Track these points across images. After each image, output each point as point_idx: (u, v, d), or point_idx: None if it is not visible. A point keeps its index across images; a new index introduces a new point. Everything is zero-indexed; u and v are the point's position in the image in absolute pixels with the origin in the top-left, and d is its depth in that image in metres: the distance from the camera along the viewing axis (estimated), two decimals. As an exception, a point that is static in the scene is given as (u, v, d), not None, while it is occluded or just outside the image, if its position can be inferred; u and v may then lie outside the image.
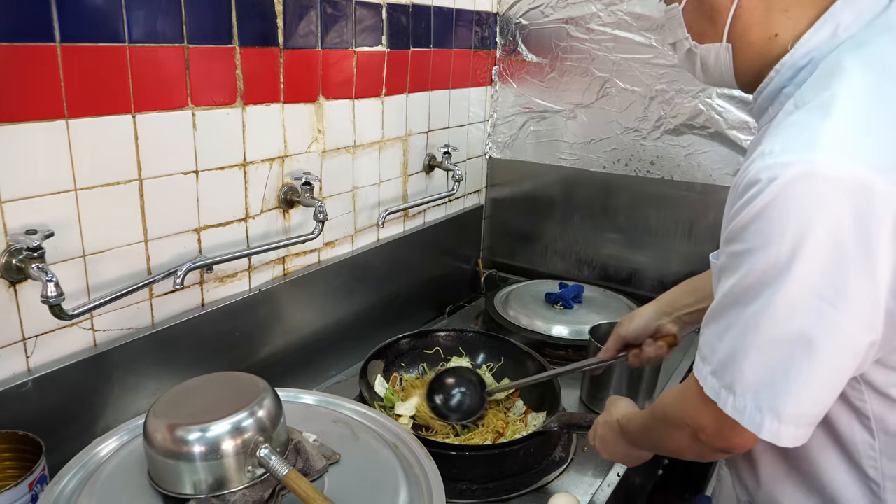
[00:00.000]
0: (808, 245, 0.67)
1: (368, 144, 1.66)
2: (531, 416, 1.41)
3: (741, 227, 0.72)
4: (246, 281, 1.42)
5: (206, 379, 0.94)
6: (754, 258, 0.71)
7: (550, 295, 1.92)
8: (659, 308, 1.25)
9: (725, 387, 0.76)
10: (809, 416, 0.74)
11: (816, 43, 0.79)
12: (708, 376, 0.78)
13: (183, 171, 1.23)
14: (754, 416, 0.74)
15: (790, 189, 0.68)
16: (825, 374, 0.72)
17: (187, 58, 1.18)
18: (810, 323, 0.70)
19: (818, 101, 0.74)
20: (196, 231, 1.28)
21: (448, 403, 1.43)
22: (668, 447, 0.92)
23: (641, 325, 1.25)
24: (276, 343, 1.51)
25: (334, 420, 1.05)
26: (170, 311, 1.28)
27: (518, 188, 2.23)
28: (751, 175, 0.72)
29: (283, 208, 1.46)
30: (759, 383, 0.73)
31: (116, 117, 1.10)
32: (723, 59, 0.87)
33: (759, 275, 0.71)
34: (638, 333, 1.25)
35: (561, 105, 2.06)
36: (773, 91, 0.84)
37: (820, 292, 0.69)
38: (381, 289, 1.82)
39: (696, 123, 1.86)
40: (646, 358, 1.25)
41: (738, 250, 0.73)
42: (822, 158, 0.68)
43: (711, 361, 0.78)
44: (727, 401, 0.76)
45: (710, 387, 0.78)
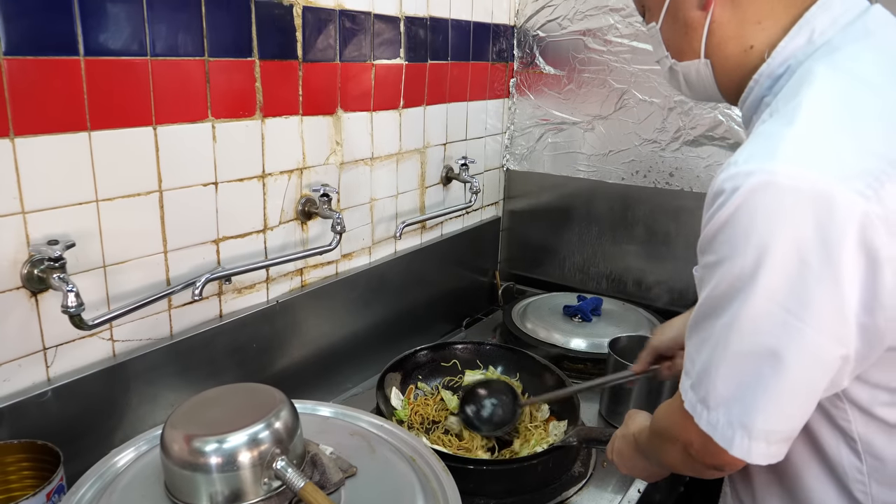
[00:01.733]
0: (771, 256, 0.66)
1: (386, 156, 1.67)
2: (552, 424, 1.40)
3: (710, 237, 0.71)
4: (264, 292, 1.43)
5: (223, 390, 0.94)
6: (722, 269, 0.70)
7: (569, 307, 1.90)
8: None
9: (700, 401, 0.74)
10: (781, 432, 0.72)
11: (792, 50, 0.79)
12: (688, 390, 0.77)
13: (202, 182, 1.24)
14: (726, 431, 0.72)
15: (751, 199, 0.67)
16: (795, 389, 0.70)
17: (208, 71, 1.19)
18: (776, 335, 0.68)
19: (786, 109, 0.73)
20: (215, 242, 1.29)
21: (480, 414, 1.41)
22: (665, 462, 0.89)
23: (673, 335, 1.23)
24: (292, 355, 1.51)
25: (351, 433, 1.04)
26: (188, 321, 1.29)
27: (535, 200, 2.23)
28: (717, 185, 0.71)
29: (301, 220, 1.46)
30: (730, 397, 0.72)
31: (138, 129, 1.11)
32: (704, 75, 0.87)
33: (727, 287, 0.70)
34: (670, 344, 1.23)
35: (578, 117, 2.06)
36: (754, 101, 0.84)
37: (785, 304, 0.67)
38: (399, 301, 1.82)
39: (715, 134, 1.85)
40: (677, 370, 1.22)
41: (709, 261, 0.73)
42: (781, 167, 0.66)
43: (691, 374, 0.76)
44: (702, 415, 0.74)
45: (689, 400, 0.76)
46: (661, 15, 0.88)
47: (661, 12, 0.88)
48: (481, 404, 1.42)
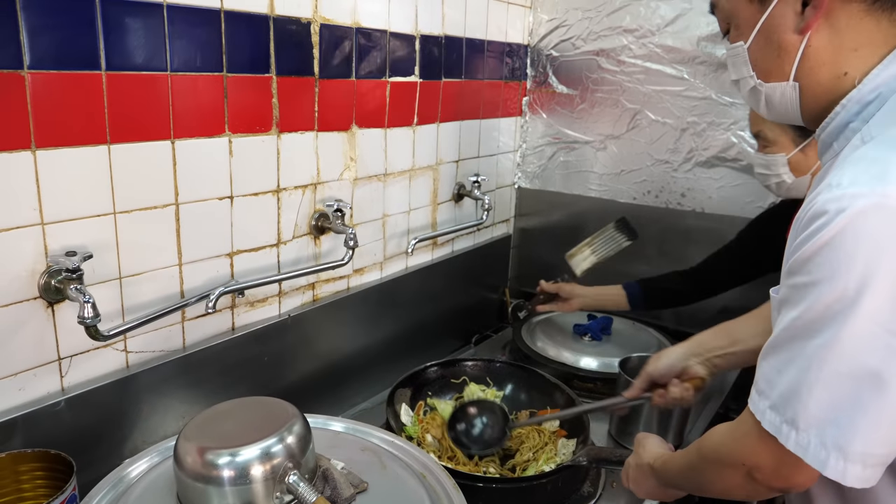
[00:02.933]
0: (878, 279, 0.66)
1: (399, 173, 1.68)
2: (561, 442, 1.39)
3: (806, 258, 0.71)
4: (276, 306, 1.43)
5: (236, 403, 0.95)
6: (819, 290, 0.69)
7: (579, 326, 1.90)
8: (688, 348, 1.23)
9: (787, 422, 0.73)
10: (878, 455, 0.71)
11: (885, 78, 0.78)
12: (766, 410, 0.75)
13: (218, 196, 1.25)
14: (819, 452, 0.71)
15: (859, 221, 0.67)
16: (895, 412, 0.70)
17: (226, 86, 1.21)
18: (879, 358, 0.68)
19: (888, 135, 0.73)
20: (229, 256, 1.30)
21: (470, 433, 1.41)
22: (716, 488, 0.88)
23: (669, 363, 1.23)
24: (303, 369, 1.51)
25: (362, 448, 1.04)
26: (201, 334, 1.30)
27: (546, 218, 2.23)
28: (817, 206, 0.70)
29: (315, 235, 1.47)
30: (825, 419, 0.71)
31: (156, 143, 1.13)
32: (789, 97, 0.86)
33: (824, 308, 0.69)
34: (664, 372, 1.24)
35: (591, 136, 2.07)
36: (838, 126, 0.82)
37: (890, 328, 0.67)
38: (409, 316, 1.82)
39: (727, 156, 1.85)
40: (671, 399, 1.23)
41: (801, 282, 0.72)
42: (893, 191, 0.66)
43: (770, 396, 0.75)
44: (789, 436, 0.73)
45: (770, 421, 0.75)
46: (751, 35, 0.86)
47: (752, 32, 0.86)
48: (471, 423, 1.42)
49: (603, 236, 1.79)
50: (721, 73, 1.82)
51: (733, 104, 1.82)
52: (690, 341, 1.24)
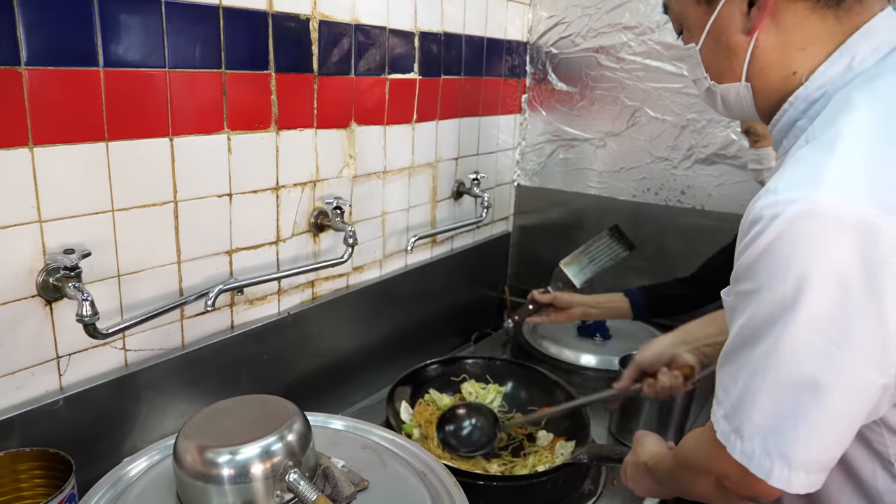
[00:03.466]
0: (812, 285, 0.65)
1: (398, 170, 1.67)
2: (559, 444, 1.39)
3: (747, 265, 0.70)
4: (275, 304, 1.43)
5: (236, 401, 0.94)
6: (761, 297, 0.69)
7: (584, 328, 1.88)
8: (677, 337, 1.24)
9: (735, 430, 0.73)
10: (820, 461, 0.71)
11: (831, 76, 0.78)
12: (721, 420, 0.75)
13: (217, 193, 1.25)
14: (763, 461, 0.71)
15: (793, 227, 0.66)
16: (835, 419, 0.69)
17: (224, 83, 1.20)
18: (817, 365, 0.67)
19: (825, 136, 0.72)
20: (228, 253, 1.29)
21: (459, 435, 1.40)
22: (694, 493, 0.88)
23: (656, 352, 1.24)
24: (303, 367, 1.51)
25: (363, 446, 1.04)
26: (200, 332, 1.29)
27: (546, 216, 2.23)
28: (755, 212, 0.70)
29: (314, 232, 1.47)
30: (767, 428, 0.71)
31: (154, 140, 1.12)
32: (743, 97, 0.86)
33: (766, 315, 0.69)
34: (653, 361, 1.24)
35: (590, 133, 2.06)
36: (786, 124, 0.83)
37: (826, 333, 0.66)
38: (408, 314, 1.81)
39: (727, 153, 1.85)
40: (660, 388, 1.22)
41: (745, 289, 0.71)
42: (824, 197, 0.66)
43: (725, 404, 0.75)
44: (735, 445, 0.73)
45: (722, 430, 0.75)
46: (701, 37, 0.86)
47: (701, 34, 0.86)
48: (460, 425, 1.42)
49: (599, 244, 1.78)
50: (721, 69, 1.81)
51: (733, 101, 1.81)
52: (679, 330, 1.25)
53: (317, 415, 1.11)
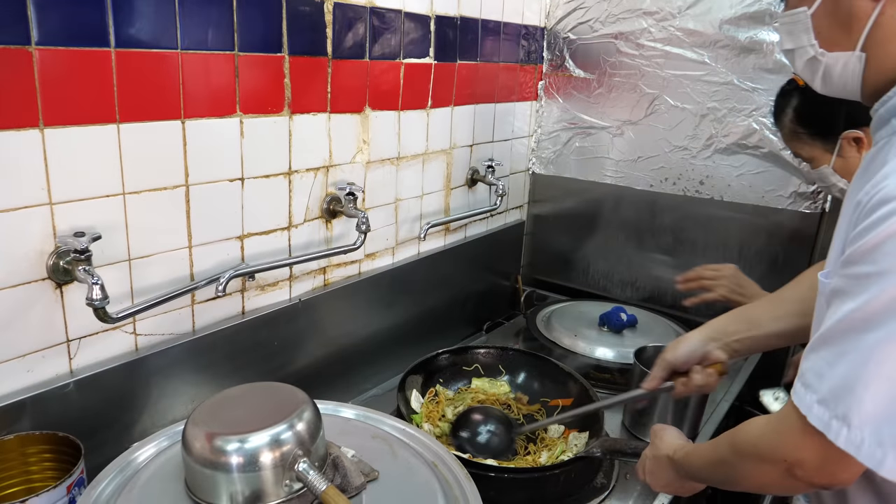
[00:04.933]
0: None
1: (412, 157, 1.65)
2: (572, 435, 1.37)
3: (871, 247, 0.67)
4: (286, 290, 1.42)
5: (245, 388, 0.93)
6: (885, 282, 0.66)
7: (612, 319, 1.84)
8: (706, 334, 1.20)
9: (838, 417, 0.69)
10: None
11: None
12: (814, 405, 0.72)
13: (229, 178, 1.23)
14: (874, 451, 0.68)
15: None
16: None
17: (237, 66, 1.19)
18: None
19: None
20: (239, 238, 1.28)
21: (474, 441, 1.36)
22: (748, 483, 0.85)
23: (688, 350, 1.20)
24: (313, 353, 1.50)
25: (373, 435, 1.02)
26: (210, 317, 1.28)
27: (561, 205, 2.20)
28: (884, 193, 0.67)
29: (326, 218, 1.45)
30: (882, 416, 0.67)
31: (166, 123, 1.11)
32: (851, 70, 0.81)
33: (890, 300, 0.66)
34: (685, 359, 1.20)
35: (607, 121, 2.03)
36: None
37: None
38: (420, 302, 1.80)
39: (748, 143, 1.81)
40: (694, 386, 1.20)
41: (864, 272, 0.68)
42: None
43: (819, 390, 0.71)
44: (840, 433, 0.69)
45: (818, 417, 0.71)
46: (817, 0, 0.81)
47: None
48: (476, 431, 1.38)
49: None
50: (744, 57, 1.77)
51: (755, 90, 1.77)
52: (707, 326, 1.21)
53: (327, 403, 1.10)
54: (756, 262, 1.86)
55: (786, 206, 1.79)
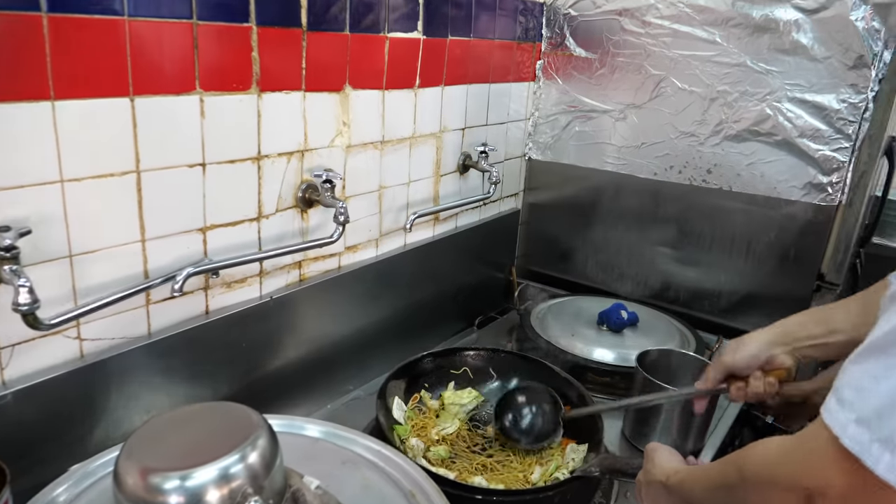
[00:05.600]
0: None
1: (398, 140, 1.52)
2: (570, 447, 1.25)
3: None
4: (257, 287, 1.29)
5: (189, 411, 0.80)
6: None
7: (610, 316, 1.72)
8: (774, 336, 1.06)
9: (881, 441, 0.58)
10: None
11: None
12: (850, 425, 0.60)
13: (188, 163, 1.10)
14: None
15: None
16: None
17: (196, 36, 1.05)
18: None
19: None
20: (201, 231, 1.15)
21: (519, 425, 1.28)
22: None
23: (752, 353, 1.06)
24: (288, 355, 1.37)
25: (342, 460, 0.90)
26: (169, 318, 1.15)
27: (559, 193, 2.07)
28: None
29: (301, 208, 1.32)
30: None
31: (111, 100, 0.97)
32: None
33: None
34: (747, 363, 1.07)
35: (610, 105, 1.89)
36: None
37: None
38: (407, 297, 1.68)
39: (761, 130, 1.68)
40: (751, 393, 1.07)
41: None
42: None
43: (859, 407, 0.60)
44: (880, 458, 0.58)
45: (854, 438, 0.60)
46: None
47: None
48: (520, 413, 1.29)
49: None
50: (758, 36, 1.63)
51: (769, 72, 1.64)
52: (776, 328, 1.07)
53: (292, 419, 0.98)
54: (766, 258, 1.74)
55: (799, 197, 1.67)
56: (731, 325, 1.82)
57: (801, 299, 1.72)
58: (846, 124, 1.56)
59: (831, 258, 1.69)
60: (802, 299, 1.72)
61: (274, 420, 0.95)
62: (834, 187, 1.62)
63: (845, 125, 1.57)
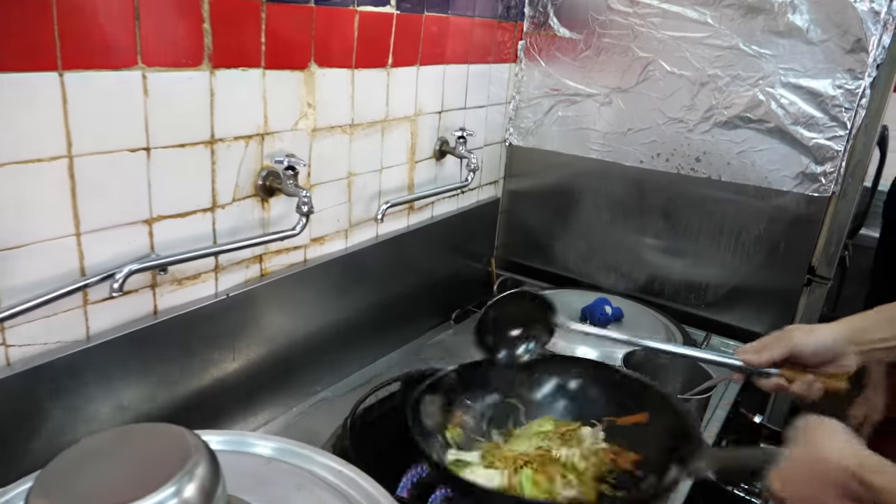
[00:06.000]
0: None
1: (369, 124, 1.41)
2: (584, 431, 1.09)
3: None
4: (212, 283, 1.18)
5: (113, 436, 0.69)
6: None
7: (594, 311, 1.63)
8: (846, 333, 0.95)
9: None
10: None
11: None
12: None
13: (129, 147, 0.98)
14: None
15: None
16: None
17: (137, 5, 0.93)
18: None
19: None
20: (147, 223, 1.04)
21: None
22: None
23: (826, 343, 0.94)
24: (248, 355, 1.27)
25: (298, 485, 0.80)
26: (112, 320, 1.04)
27: (540, 181, 1.97)
28: None
29: (261, 197, 1.21)
30: None
31: (36, 75, 0.85)
32: None
33: None
34: (812, 352, 0.94)
35: (595, 88, 1.79)
36: None
37: None
38: (379, 292, 1.57)
39: (752, 116, 1.60)
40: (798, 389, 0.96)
41: None
42: None
43: None
44: None
45: None
46: None
47: None
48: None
49: None
50: (751, 17, 1.54)
51: (763, 56, 1.55)
52: (845, 325, 0.96)
53: (242, 435, 0.87)
54: (755, 250, 1.67)
55: (791, 187, 1.59)
56: (717, 320, 1.75)
57: (790, 293, 1.65)
58: (842, 111, 1.48)
59: (822, 251, 1.62)
60: (792, 293, 1.65)
61: (219, 437, 0.85)
62: (827, 177, 1.54)
63: (841, 112, 1.49)
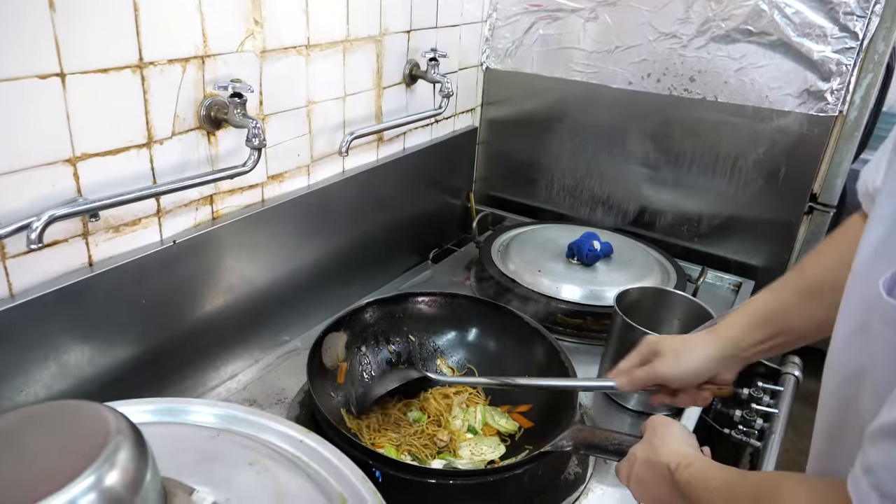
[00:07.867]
0: None
1: (328, 44, 1.25)
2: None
3: None
4: (155, 229, 1.05)
5: (22, 417, 0.58)
6: None
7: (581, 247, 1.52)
8: (720, 349, 0.88)
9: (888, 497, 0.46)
10: None
11: None
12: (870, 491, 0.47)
13: (38, 73, 0.83)
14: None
15: None
16: None
17: None
18: None
19: None
20: (70, 162, 0.90)
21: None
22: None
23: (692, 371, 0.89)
24: (203, 308, 1.15)
25: (250, 460, 0.69)
26: (39, 275, 0.91)
27: (521, 107, 1.83)
28: None
29: (207, 129, 1.07)
30: None
31: None
32: None
33: None
34: (683, 380, 0.90)
35: (579, 2, 1.63)
36: None
37: None
38: (349, 232, 1.45)
39: (753, 28, 1.45)
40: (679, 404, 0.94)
41: None
42: None
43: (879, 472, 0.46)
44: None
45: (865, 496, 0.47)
46: None
47: None
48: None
49: None
50: (753, -85, 1.39)
51: (764, -41, 1.40)
52: (716, 340, 0.89)
53: (185, 402, 0.76)
54: (752, 177, 1.56)
55: (794, 107, 1.47)
56: (712, 253, 1.65)
57: (790, 223, 1.55)
58: (853, 19, 1.35)
59: (826, 177, 1.52)
60: (792, 223, 1.55)
61: (154, 406, 0.74)
62: (834, 95, 1.42)
63: (852, 20, 1.35)
